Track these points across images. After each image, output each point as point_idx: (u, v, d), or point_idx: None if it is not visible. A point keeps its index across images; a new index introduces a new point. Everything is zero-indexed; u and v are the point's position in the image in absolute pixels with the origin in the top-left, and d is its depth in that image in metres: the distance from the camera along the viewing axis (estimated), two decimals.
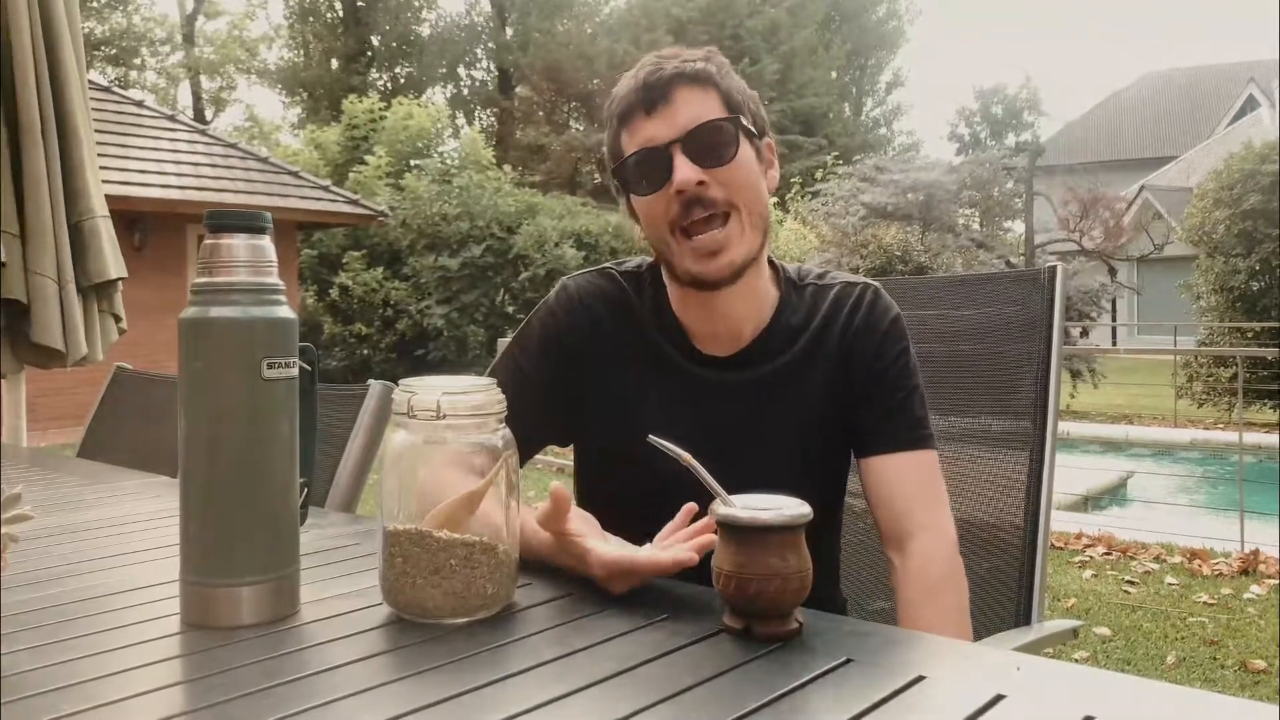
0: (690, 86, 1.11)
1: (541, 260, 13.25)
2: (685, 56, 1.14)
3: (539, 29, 27.30)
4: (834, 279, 1.23)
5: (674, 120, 1.10)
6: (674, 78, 1.11)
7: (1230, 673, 3.02)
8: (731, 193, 1.10)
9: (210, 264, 0.81)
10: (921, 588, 1.10)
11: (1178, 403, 10.27)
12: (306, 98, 28.75)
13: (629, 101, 1.13)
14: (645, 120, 1.11)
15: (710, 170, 1.09)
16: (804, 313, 1.20)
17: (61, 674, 0.71)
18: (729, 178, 1.10)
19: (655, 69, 1.12)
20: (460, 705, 0.64)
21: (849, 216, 12.13)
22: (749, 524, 0.76)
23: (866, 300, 1.19)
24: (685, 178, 1.08)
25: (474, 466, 0.83)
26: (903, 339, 1.19)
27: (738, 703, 0.63)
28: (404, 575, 0.82)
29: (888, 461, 1.15)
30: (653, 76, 1.11)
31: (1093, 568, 4.24)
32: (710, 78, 1.12)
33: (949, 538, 1.13)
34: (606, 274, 1.24)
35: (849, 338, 1.18)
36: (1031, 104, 26.02)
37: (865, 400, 1.17)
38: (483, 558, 0.82)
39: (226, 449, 0.80)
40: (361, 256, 13.95)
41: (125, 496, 1.42)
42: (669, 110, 1.10)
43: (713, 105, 1.11)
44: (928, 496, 1.14)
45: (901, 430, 1.16)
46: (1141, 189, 20.28)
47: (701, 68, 1.12)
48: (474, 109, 30.12)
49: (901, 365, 1.18)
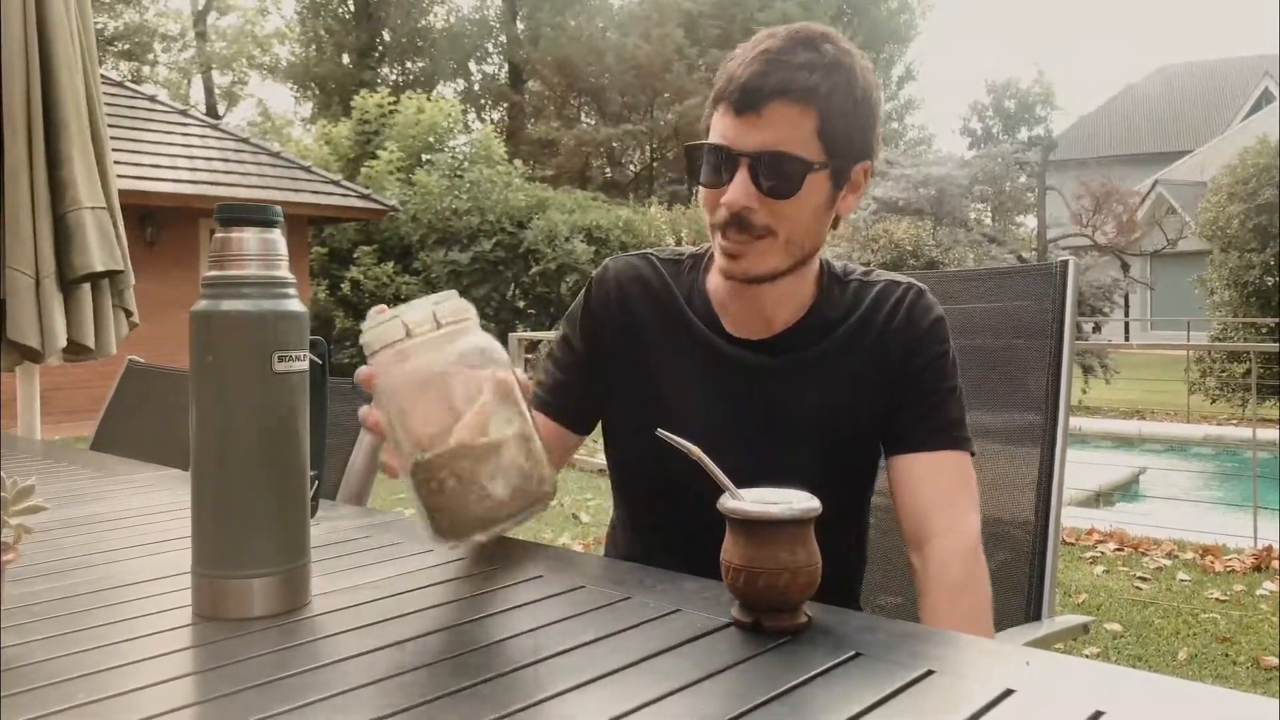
0: (788, 104, 1.05)
1: (552, 255, 13.26)
2: (805, 59, 1.05)
3: (550, 23, 27.28)
4: (879, 276, 1.22)
5: (754, 134, 1.06)
6: (774, 91, 1.04)
7: (1243, 669, 3.01)
8: (775, 222, 1.08)
9: (221, 257, 0.82)
10: (941, 591, 1.09)
11: (1191, 398, 10.22)
12: (318, 93, 28.82)
13: (726, 88, 1.08)
14: (731, 117, 1.07)
15: (765, 200, 1.07)
16: (844, 307, 1.19)
17: (75, 664, 0.71)
18: (780, 210, 1.08)
19: (763, 71, 1.05)
20: (470, 697, 0.65)
21: (860, 211, 12.10)
22: (758, 518, 0.75)
23: (909, 300, 1.18)
24: (735, 199, 1.07)
25: (474, 366, 0.84)
26: (943, 341, 1.17)
27: (746, 696, 0.63)
28: (460, 495, 0.81)
29: (914, 461, 1.13)
30: (756, 80, 1.05)
31: (1104, 563, 4.22)
32: (816, 99, 1.05)
33: (970, 540, 1.10)
34: (645, 257, 1.27)
35: (888, 335, 1.16)
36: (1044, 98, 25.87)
37: (899, 400, 1.15)
38: (526, 443, 0.82)
39: (238, 442, 0.81)
40: (372, 251, 13.99)
41: (137, 489, 1.43)
42: (756, 121, 1.05)
43: (803, 133, 1.06)
44: (952, 498, 1.12)
45: (932, 431, 1.14)
46: (1155, 183, 20.17)
47: (811, 84, 1.05)
48: (485, 104, 30.14)
49: (939, 367, 1.16)
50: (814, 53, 1.07)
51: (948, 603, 1.08)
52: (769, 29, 1.12)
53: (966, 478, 1.14)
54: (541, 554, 1.02)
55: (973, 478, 1.15)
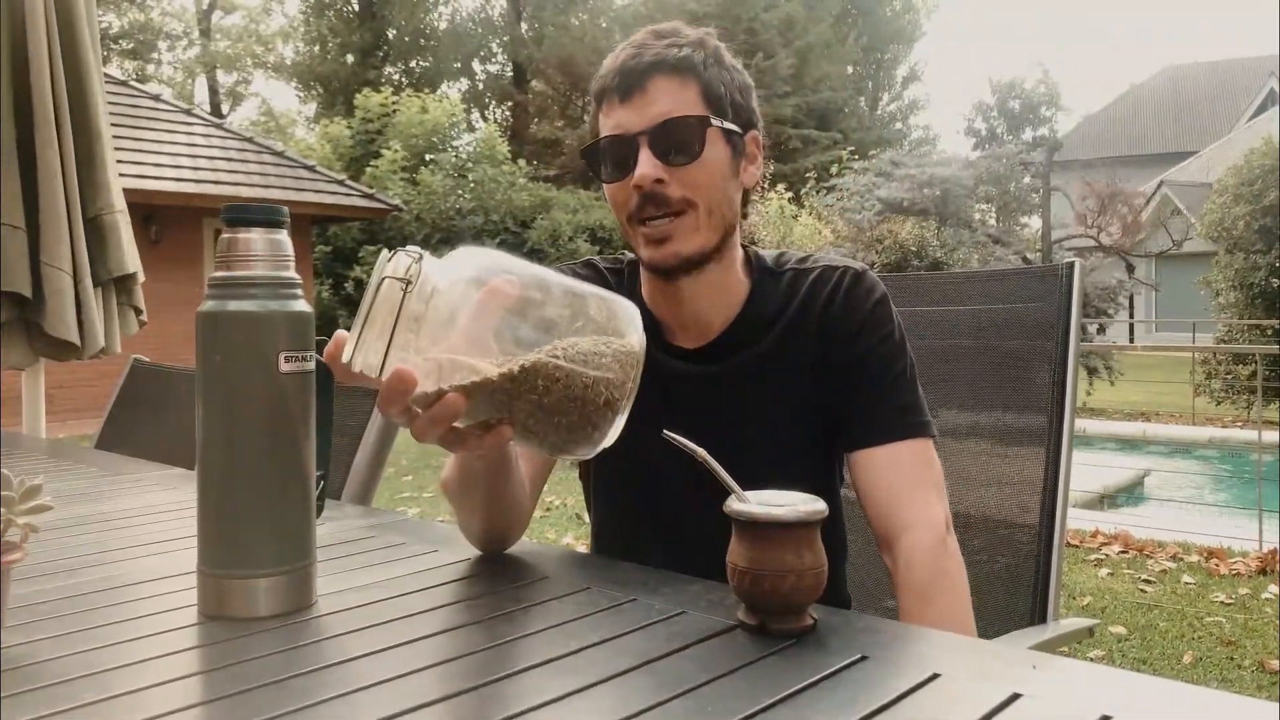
0: (668, 76, 1.07)
1: (556, 255, 13.27)
2: (672, 40, 1.09)
3: (553, 23, 27.29)
4: (816, 262, 1.18)
5: (645, 111, 1.07)
6: (651, 66, 1.07)
7: (1248, 673, 3.00)
8: (690, 191, 1.08)
9: (228, 258, 0.82)
10: (912, 593, 1.05)
11: (1196, 400, 10.19)
12: (322, 92, 28.84)
13: (606, 84, 1.10)
14: (618, 106, 1.08)
15: (673, 168, 1.07)
16: (779, 300, 1.16)
17: (80, 663, 0.71)
18: (691, 177, 1.07)
19: (636, 54, 1.08)
20: (476, 698, 0.65)
21: (864, 212, 12.08)
22: (764, 520, 0.75)
23: (846, 282, 1.14)
24: (644, 173, 1.06)
25: (465, 294, 0.75)
26: (887, 322, 1.13)
27: (752, 699, 0.63)
28: (571, 383, 0.74)
29: (873, 455, 1.09)
30: (631, 61, 1.08)
31: (1109, 566, 4.22)
32: (692, 67, 1.08)
33: (935, 533, 1.05)
34: (590, 264, 1.25)
35: (827, 322, 1.13)
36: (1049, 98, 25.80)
37: (848, 388, 1.12)
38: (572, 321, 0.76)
39: (243, 441, 0.81)
40: (376, 251, 13.98)
41: (143, 488, 1.43)
42: (642, 99, 1.07)
43: (689, 98, 1.08)
44: (914, 491, 1.07)
45: (885, 422, 1.10)
46: (1160, 184, 20.14)
47: (684, 56, 1.08)
48: (489, 103, 30.15)
49: (885, 351, 1.12)
50: (676, 36, 1.10)
51: (920, 605, 1.04)
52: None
53: (928, 465, 1.09)
54: (547, 555, 1.02)
55: (935, 464, 1.10)
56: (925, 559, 1.04)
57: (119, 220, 2.36)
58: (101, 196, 2.33)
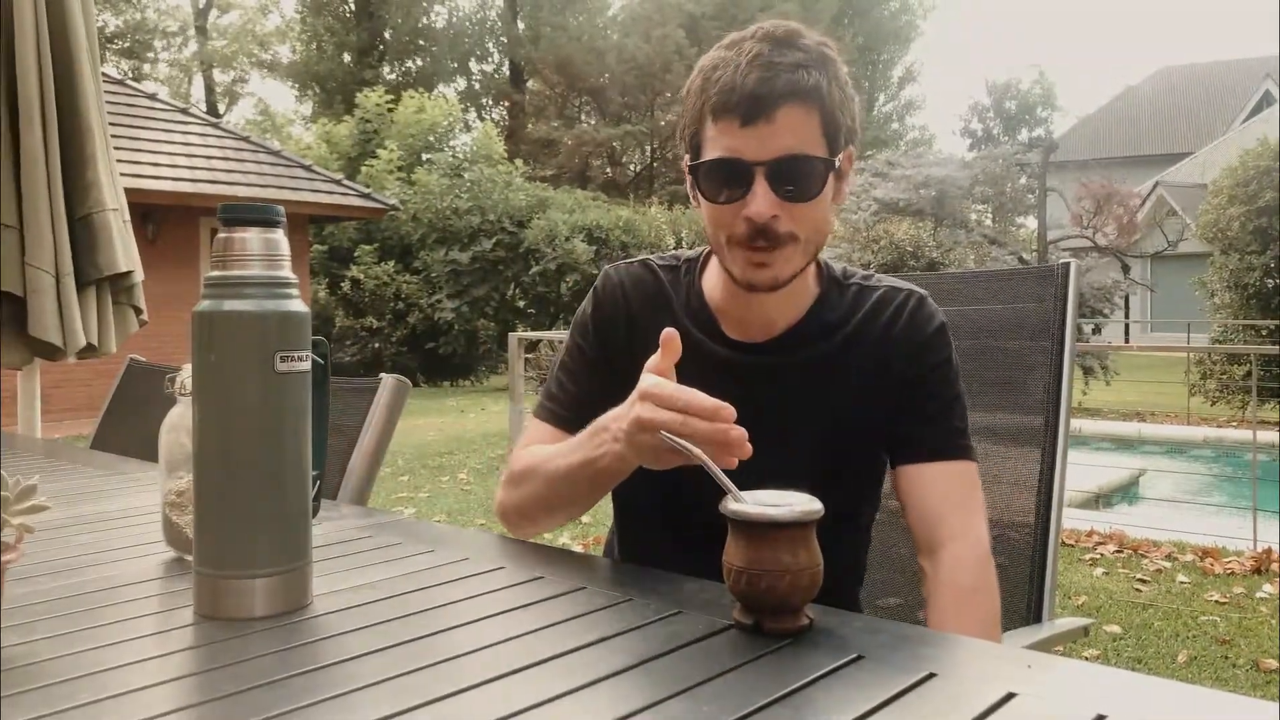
0: (797, 106, 1.03)
1: (552, 255, 13.26)
2: (797, 58, 1.03)
3: (550, 23, 27.28)
4: (879, 281, 1.20)
5: (767, 142, 1.03)
6: (782, 96, 1.02)
7: (1242, 672, 3.01)
8: (798, 226, 1.07)
9: (224, 257, 0.82)
10: (951, 596, 1.09)
11: (1191, 400, 10.22)
12: (319, 91, 28.83)
13: (727, 99, 1.03)
14: (738, 129, 1.03)
15: (788, 205, 1.05)
16: (844, 310, 1.18)
17: (76, 664, 0.71)
18: (803, 214, 1.06)
19: (766, 74, 1.02)
20: (471, 698, 0.65)
21: (861, 212, 12.10)
22: (759, 520, 0.75)
23: (910, 307, 1.17)
24: (760, 210, 1.04)
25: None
26: (945, 349, 1.17)
27: (748, 698, 0.63)
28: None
29: (922, 470, 1.13)
30: (763, 87, 1.01)
31: (1104, 565, 4.22)
32: (820, 97, 1.04)
33: (982, 548, 1.11)
34: (644, 263, 1.26)
35: (888, 343, 1.16)
36: (1045, 99, 25.86)
37: (903, 407, 1.15)
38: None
39: (239, 441, 0.81)
40: (373, 250, 14.00)
41: (138, 488, 1.43)
42: (768, 129, 1.02)
43: (812, 130, 1.05)
44: (961, 506, 1.12)
45: (937, 440, 1.14)
46: (1156, 185, 20.18)
47: (814, 83, 1.03)
48: (485, 103, 30.14)
49: (942, 374, 1.16)
50: (801, 51, 1.05)
51: (960, 606, 1.08)
52: (736, 33, 1.09)
53: (974, 486, 1.15)
54: (542, 555, 1.02)
55: (979, 486, 1.15)
56: (971, 565, 1.10)
57: (110, 219, 2.32)
58: (92, 195, 2.29)
